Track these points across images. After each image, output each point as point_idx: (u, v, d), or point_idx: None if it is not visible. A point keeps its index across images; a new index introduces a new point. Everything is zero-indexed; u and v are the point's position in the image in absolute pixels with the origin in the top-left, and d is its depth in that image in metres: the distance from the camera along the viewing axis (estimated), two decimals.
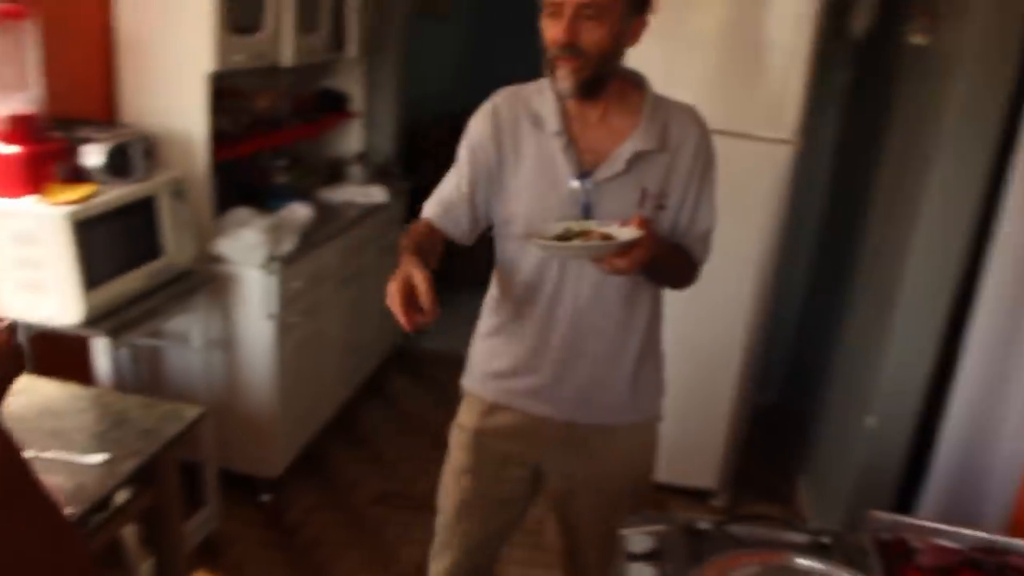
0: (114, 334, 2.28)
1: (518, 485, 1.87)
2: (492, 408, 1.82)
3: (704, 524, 1.44)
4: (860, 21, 3.19)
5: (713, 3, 2.87)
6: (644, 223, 1.49)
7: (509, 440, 1.82)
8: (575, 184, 1.62)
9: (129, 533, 2.25)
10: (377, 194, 3.76)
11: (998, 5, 2.28)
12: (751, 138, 2.88)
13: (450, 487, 1.90)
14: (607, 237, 1.48)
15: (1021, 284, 2.30)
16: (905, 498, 2.64)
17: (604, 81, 1.58)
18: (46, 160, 2.20)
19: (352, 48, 3.66)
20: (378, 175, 3.97)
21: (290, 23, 3.05)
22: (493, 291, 1.82)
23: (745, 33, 2.88)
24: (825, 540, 1.41)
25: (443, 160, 1.84)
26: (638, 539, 1.37)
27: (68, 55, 2.51)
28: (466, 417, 1.87)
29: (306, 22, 3.20)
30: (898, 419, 2.63)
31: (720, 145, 2.56)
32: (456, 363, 1.96)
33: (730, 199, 2.88)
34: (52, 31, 2.33)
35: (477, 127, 1.70)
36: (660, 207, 1.65)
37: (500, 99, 1.71)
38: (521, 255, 1.70)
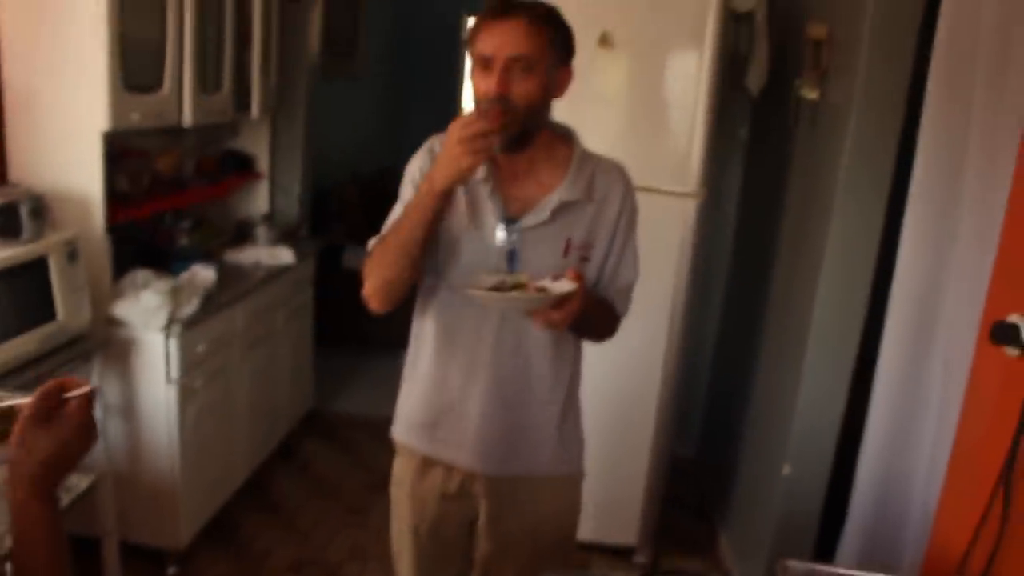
0: None
1: (457, 543, 1.86)
2: (424, 464, 1.81)
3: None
4: (755, 78, 3.31)
5: (615, 64, 2.93)
6: (578, 277, 1.50)
7: (443, 500, 1.81)
8: (501, 230, 1.63)
9: None
10: (284, 255, 3.69)
11: (884, 59, 2.39)
12: (657, 192, 2.93)
13: (399, 541, 1.90)
14: (541, 290, 1.50)
15: (920, 324, 2.36)
16: (826, 545, 2.65)
17: (532, 133, 1.60)
18: None
19: (256, 109, 3.61)
20: (285, 236, 3.90)
21: (190, 82, 2.99)
22: (415, 339, 1.80)
23: (646, 92, 2.96)
24: None
25: (352, 221, 1.83)
26: None
27: None
28: (401, 473, 1.86)
29: (207, 82, 3.15)
30: (813, 466, 2.66)
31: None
32: (369, 426, 1.94)
33: (640, 252, 2.94)
34: None
35: (418, 166, 1.70)
36: (584, 258, 1.67)
37: (435, 142, 1.71)
38: (446, 302, 1.69)
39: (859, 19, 2.46)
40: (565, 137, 1.72)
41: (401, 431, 1.85)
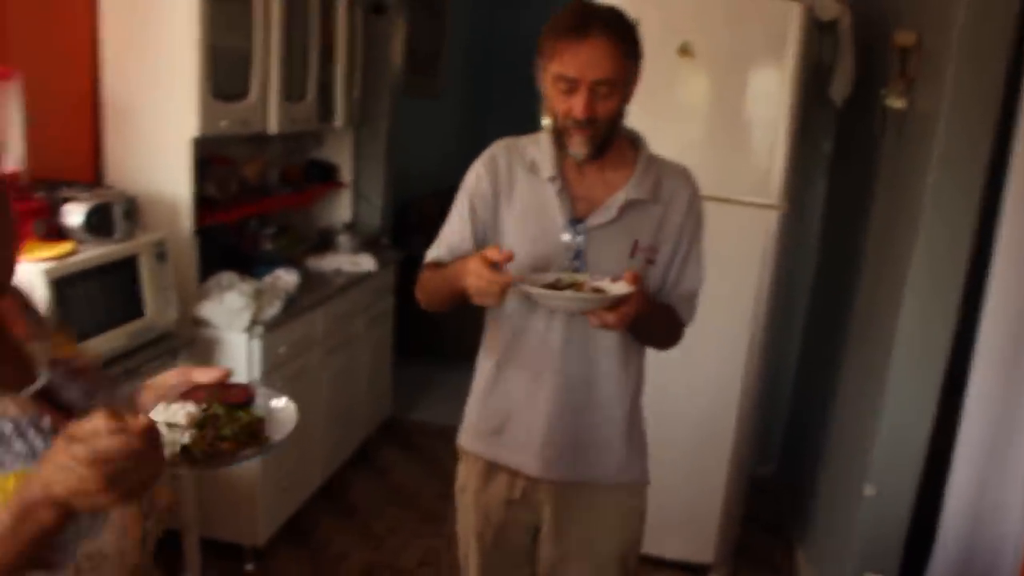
0: None
1: (521, 550, 1.85)
2: (489, 469, 1.81)
3: None
4: (839, 87, 3.24)
5: (696, 74, 2.91)
6: (635, 279, 1.50)
7: (508, 506, 1.81)
8: (567, 230, 1.64)
9: None
10: (365, 263, 3.75)
11: (974, 66, 2.31)
12: (738, 203, 2.90)
13: (465, 546, 1.91)
14: (598, 291, 1.49)
15: (1017, 341, 2.27)
16: (911, 567, 2.55)
17: (611, 142, 1.63)
18: (26, 219, 2.19)
19: (339, 119, 3.70)
20: (366, 245, 3.97)
21: (276, 91, 3.08)
22: (484, 344, 1.81)
23: (726, 101, 2.92)
24: None
25: (432, 234, 1.87)
26: None
27: (54, 117, 2.53)
28: (465, 479, 1.87)
29: (292, 91, 3.24)
30: (897, 488, 2.56)
31: (708, 210, 2.56)
32: (446, 435, 1.96)
33: (719, 264, 2.88)
34: (38, 93, 2.35)
35: (476, 173, 1.73)
36: (650, 261, 1.67)
37: (497, 149, 1.74)
38: (513, 306, 1.70)
39: (948, 25, 2.39)
40: (632, 140, 1.73)
41: (466, 437, 1.87)
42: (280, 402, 1.08)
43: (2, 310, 1.01)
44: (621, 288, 1.48)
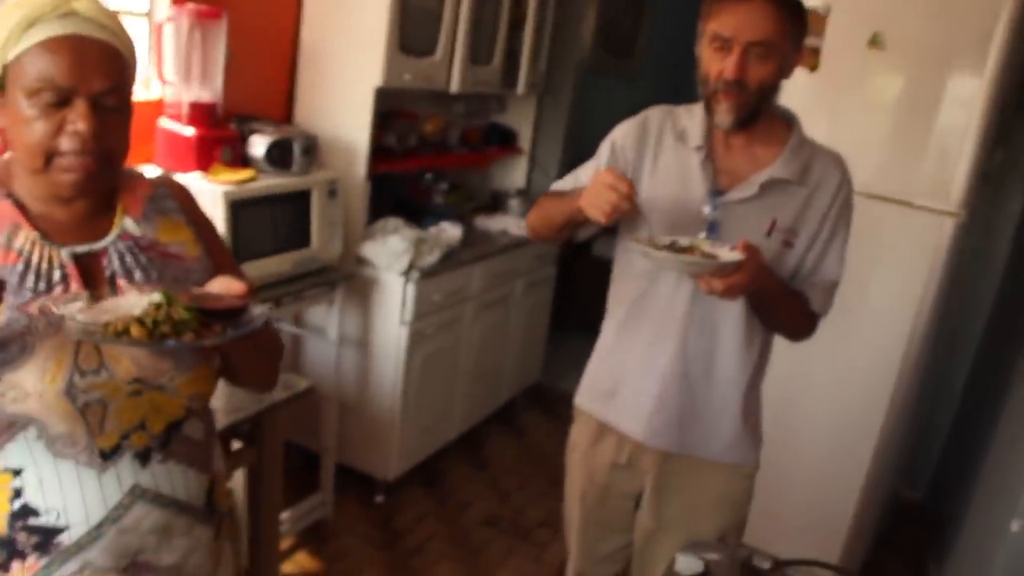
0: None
1: (622, 515, 1.86)
2: (600, 431, 1.82)
3: (762, 562, 1.36)
4: None
5: (884, 67, 2.77)
6: (748, 248, 1.46)
7: (613, 470, 1.82)
8: (706, 201, 1.62)
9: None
10: None
11: None
12: (911, 206, 2.75)
13: (569, 506, 1.94)
14: (711, 257, 1.46)
15: None
16: None
17: (759, 114, 1.59)
18: (215, 144, 2.42)
19: (521, 86, 3.79)
20: None
21: (461, 52, 3.21)
22: (609, 306, 1.83)
23: (914, 98, 2.76)
24: None
25: None
26: (689, 561, 1.31)
27: (256, 58, 2.78)
28: (576, 438, 1.90)
29: (478, 54, 3.36)
30: None
31: (878, 210, 2.44)
32: None
33: (883, 266, 2.78)
34: (244, 35, 2.58)
35: (624, 130, 1.74)
36: (787, 243, 1.62)
37: (652, 112, 1.75)
38: (641, 271, 1.70)
39: None
40: (786, 120, 1.68)
41: (582, 396, 1.89)
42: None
43: (115, 184, 1.18)
44: (732, 255, 1.45)
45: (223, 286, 1.10)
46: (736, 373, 1.70)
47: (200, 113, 2.41)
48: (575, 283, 4.93)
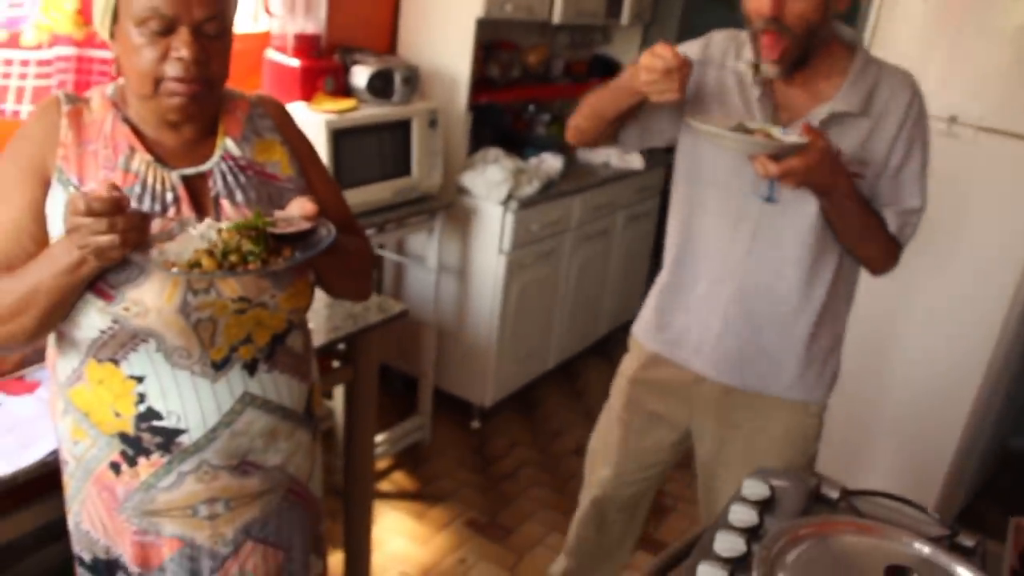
0: None
1: (662, 447, 1.84)
2: (652, 359, 1.80)
3: (830, 490, 1.35)
4: None
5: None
6: (812, 132, 1.38)
7: (662, 397, 1.79)
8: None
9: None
10: (634, 160, 3.81)
11: None
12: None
13: (606, 430, 1.92)
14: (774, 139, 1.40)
15: None
16: None
17: (810, 55, 1.47)
18: (319, 75, 2.49)
19: (625, 15, 3.72)
20: None
21: None
22: (668, 238, 1.78)
23: None
24: (967, 543, 1.25)
25: None
26: (755, 485, 1.32)
27: None
28: (627, 364, 1.87)
29: None
30: None
31: (995, 145, 2.29)
32: None
33: (998, 201, 2.63)
34: None
35: (685, 47, 1.63)
36: (856, 175, 1.53)
37: (716, 34, 1.66)
38: (702, 204, 1.65)
39: None
40: (849, 45, 1.57)
41: (639, 327, 1.85)
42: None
43: (217, 108, 1.25)
44: (794, 138, 1.38)
45: (298, 207, 1.16)
46: (800, 311, 1.64)
47: (304, 44, 2.48)
48: None
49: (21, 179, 1.14)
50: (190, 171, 1.21)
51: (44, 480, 1.40)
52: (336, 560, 2.34)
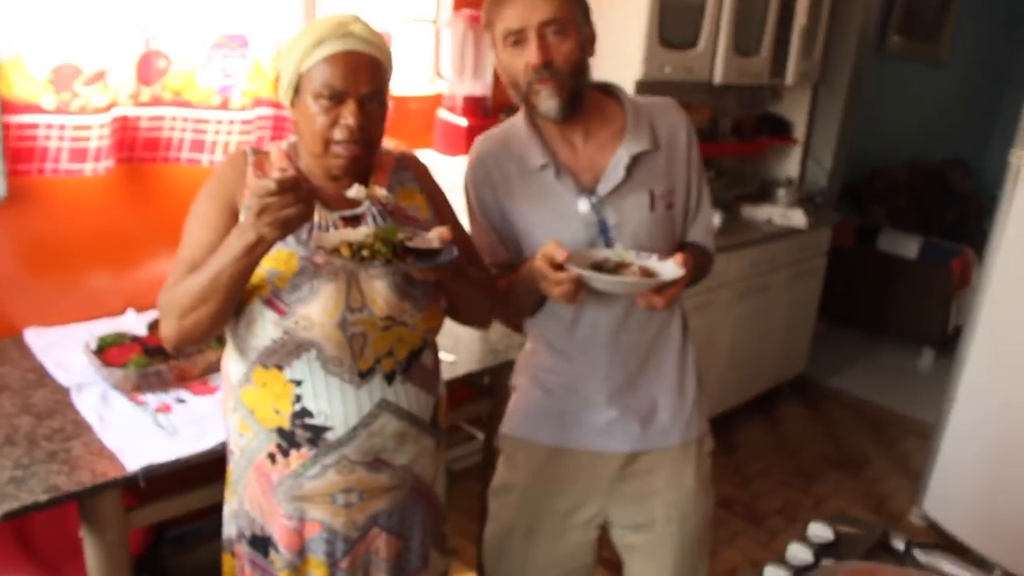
0: None
1: (586, 547, 1.78)
2: (549, 456, 1.72)
3: (897, 540, 1.38)
4: None
5: None
6: (686, 260, 1.42)
7: (573, 493, 1.73)
8: (583, 204, 1.56)
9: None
10: (796, 218, 3.83)
11: None
12: None
13: (507, 551, 1.82)
14: (646, 271, 1.44)
15: None
16: None
17: (582, 95, 1.54)
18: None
19: (790, 76, 3.77)
20: (804, 202, 4.02)
21: (725, 44, 3.30)
22: (531, 329, 1.75)
23: None
24: None
25: (896, 205, 1.76)
26: (820, 528, 1.38)
27: None
28: (511, 474, 1.78)
29: (744, 45, 3.43)
30: None
31: None
32: (855, 408, 1.93)
33: None
34: None
35: (470, 178, 1.68)
36: (670, 206, 1.60)
37: (479, 149, 1.68)
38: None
39: None
40: (610, 93, 1.63)
41: (517, 427, 1.78)
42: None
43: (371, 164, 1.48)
44: (671, 271, 1.43)
45: (435, 232, 1.38)
46: (671, 352, 1.69)
47: (472, 105, 2.74)
48: (852, 277, 4.80)
49: (218, 211, 1.41)
50: (347, 213, 1.45)
51: (210, 467, 1.67)
52: None
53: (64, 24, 1.96)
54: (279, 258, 1.37)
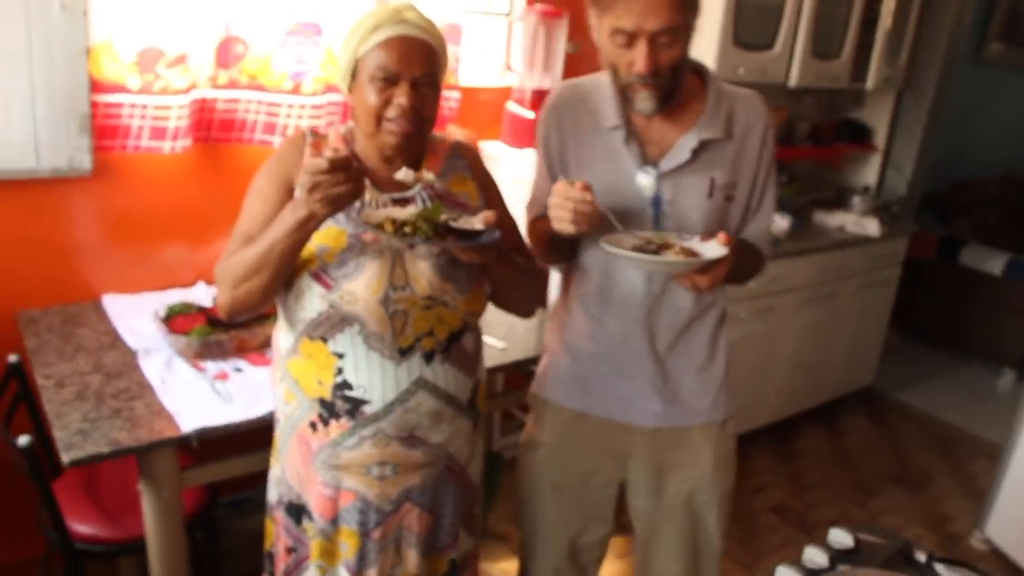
0: None
1: (605, 504, 1.84)
2: (575, 420, 1.78)
3: (919, 552, 1.38)
4: None
5: None
6: (729, 240, 1.45)
7: (596, 455, 1.78)
8: (642, 176, 1.57)
9: None
10: (870, 227, 3.76)
11: None
12: None
13: (535, 505, 1.89)
14: (689, 252, 1.46)
15: None
16: None
17: (677, 91, 1.53)
18: None
19: (871, 81, 3.70)
20: (880, 211, 3.94)
21: (803, 46, 3.26)
22: (565, 296, 1.79)
23: None
24: None
25: (983, 219, 1.74)
26: (841, 534, 1.39)
27: (592, 49, 3.06)
28: (539, 432, 1.84)
29: (824, 47, 3.37)
30: None
31: None
32: (925, 424, 1.91)
33: None
34: (584, 30, 2.88)
35: (542, 122, 1.70)
36: (729, 198, 1.60)
37: (558, 96, 1.69)
38: (593, 255, 1.66)
39: None
40: (699, 74, 1.61)
41: (547, 389, 1.83)
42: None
43: (424, 148, 1.55)
44: (714, 250, 1.44)
45: (481, 215, 1.44)
46: (703, 336, 1.68)
47: (540, 98, 2.77)
48: (931, 290, 4.68)
49: (276, 188, 1.49)
50: (398, 195, 1.51)
51: (261, 434, 1.75)
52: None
53: (150, 10, 2.08)
54: (329, 234, 1.44)
